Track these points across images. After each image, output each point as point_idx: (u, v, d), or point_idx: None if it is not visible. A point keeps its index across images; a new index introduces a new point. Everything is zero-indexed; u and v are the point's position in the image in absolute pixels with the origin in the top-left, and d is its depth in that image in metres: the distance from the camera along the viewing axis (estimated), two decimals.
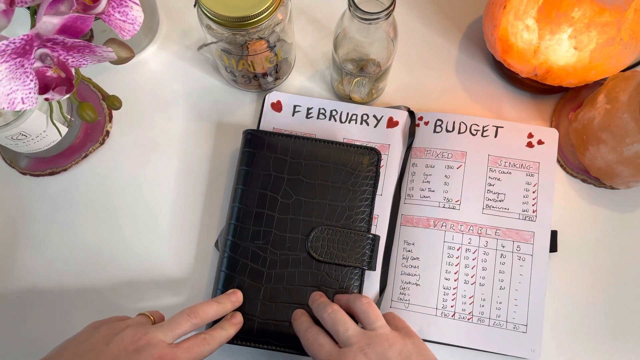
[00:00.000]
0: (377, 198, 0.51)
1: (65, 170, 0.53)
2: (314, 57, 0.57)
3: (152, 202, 0.52)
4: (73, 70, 0.38)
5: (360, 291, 0.47)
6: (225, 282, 0.46)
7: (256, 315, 0.45)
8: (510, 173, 0.51)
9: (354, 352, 0.38)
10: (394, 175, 0.52)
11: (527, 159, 0.51)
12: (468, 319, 0.47)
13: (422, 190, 0.51)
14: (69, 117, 0.50)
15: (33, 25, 0.38)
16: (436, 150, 0.52)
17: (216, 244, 0.50)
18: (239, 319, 0.44)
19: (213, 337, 0.41)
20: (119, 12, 0.38)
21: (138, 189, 0.53)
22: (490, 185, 0.51)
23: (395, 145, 0.53)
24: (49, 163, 0.52)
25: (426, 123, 0.53)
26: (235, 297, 0.45)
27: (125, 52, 0.42)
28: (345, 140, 0.52)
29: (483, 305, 0.48)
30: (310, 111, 0.54)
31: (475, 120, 0.53)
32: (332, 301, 0.45)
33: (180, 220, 0.52)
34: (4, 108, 0.35)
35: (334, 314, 0.42)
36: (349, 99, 0.55)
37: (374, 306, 0.43)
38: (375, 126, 0.53)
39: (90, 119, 0.44)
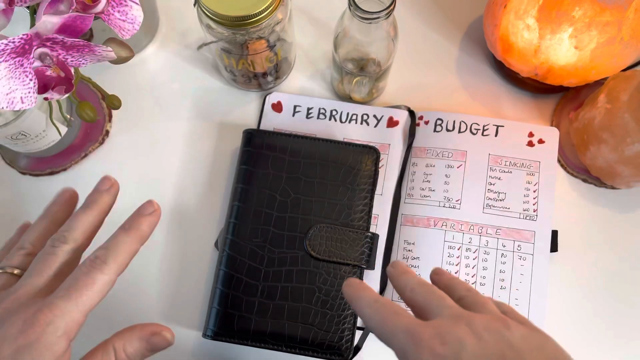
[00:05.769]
0: (377, 198, 0.51)
1: (64, 170, 0.53)
2: (314, 56, 0.57)
3: None
4: (72, 70, 0.38)
5: None
6: (224, 280, 0.46)
7: (253, 314, 0.45)
8: (510, 172, 0.51)
9: (453, 321, 0.27)
10: (394, 174, 0.52)
11: (527, 158, 0.51)
12: None
13: (423, 189, 0.51)
14: (68, 116, 0.50)
15: (32, 24, 0.38)
16: (436, 150, 0.52)
17: (216, 244, 0.50)
18: (151, 207, 0.33)
19: (110, 253, 0.30)
20: (118, 11, 0.38)
21: (138, 188, 0.52)
22: (491, 184, 0.51)
23: (396, 144, 0.53)
24: (49, 163, 0.52)
25: (426, 122, 0.53)
26: (109, 183, 0.34)
27: (125, 51, 0.42)
28: (345, 140, 0.52)
29: None
30: (310, 111, 0.54)
31: (475, 119, 0.53)
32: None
33: (180, 219, 0.52)
34: (3, 107, 0.35)
35: (428, 287, 0.31)
36: (349, 99, 0.55)
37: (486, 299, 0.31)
38: (375, 126, 0.53)
39: (90, 118, 0.44)
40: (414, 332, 0.27)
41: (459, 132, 0.52)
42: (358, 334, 0.47)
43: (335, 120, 0.54)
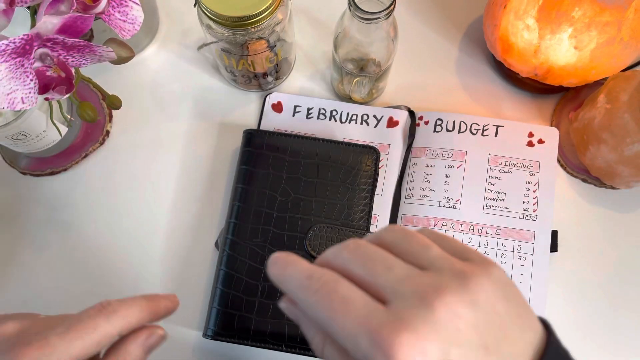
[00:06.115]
0: (378, 198, 0.51)
1: (65, 170, 0.53)
2: (314, 56, 0.57)
3: (152, 202, 0.52)
4: (73, 70, 0.38)
5: None
6: (224, 280, 0.46)
7: (253, 314, 0.45)
8: (510, 172, 0.51)
9: (419, 307, 0.21)
10: (394, 175, 0.52)
11: (527, 158, 0.51)
12: None
13: (423, 189, 0.51)
14: (69, 116, 0.50)
15: (33, 25, 0.38)
16: (436, 150, 0.52)
17: (216, 244, 0.50)
18: (175, 299, 0.32)
19: (123, 306, 0.29)
20: (119, 11, 0.38)
21: (138, 188, 0.53)
22: (491, 184, 0.51)
23: (396, 145, 0.53)
24: (49, 163, 0.52)
25: (426, 122, 0.53)
26: (173, 299, 0.32)
27: (125, 51, 0.42)
28: (345, 140, 0.52)
29: None
30: (310, 111, 0.54)
31: (475, 119, 0.53)
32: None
33: (180, 220, 0.52)
34: (4, 108, 0.35)
35: (362, 249, 0.24)
36: (349, 99, 0.55)
37: (415, 234, 0.25)
38: (375, 126, 0.53)
39: (90, 118, 0.44)
40: (380, 338, 0.21)
41: (459, 132, 0.52)
42: None
43: (335, 120, 0.54)
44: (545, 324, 0.24)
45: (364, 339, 0.21)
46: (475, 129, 0.52)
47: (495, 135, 0.52)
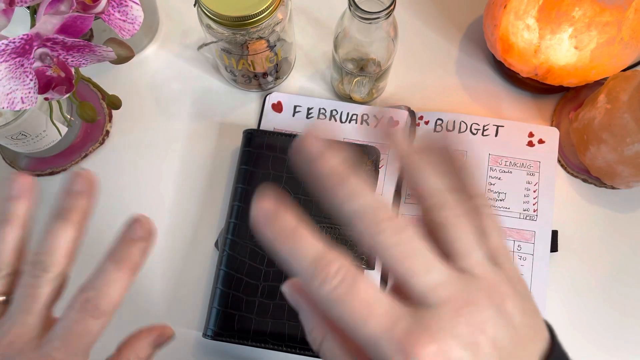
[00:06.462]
0: None
1: (65, 170, 0.53)
2: (314, 56, 0.57)
3: (152, 202, 0.52)
4: (73, 70, 0.38)
5: None
6: (224, 280, 0.46)
7: (253, 314, 0.45)
8: (510, 172, 0.51)
9: (446, 324, 0.21)
10: (394, 174, 0.52)
11: (527, 158, 0.51)
12: None
13: None
14: (68, 116, 0.50)
15: (33, 24, 0.38)
16: None
17: (216, 244, 0.50)
18: (141, 228, 0.30)
19: (101, 295, 0.27)
20: (119, 11, 0.38)
21: (138, 188, 0.52)
22: (491, 184, 0.51)
23: None
24: (49, 163, 0.52)
25: (426, 122, 0.53)
26: (85, 182, 0.28)
27: (125, 51, 0.42)
28: (345, 140, 0.52)
29: None
30: (310, 111, 0.54)
31: (475, 119, 0.53)
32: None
33: (180, 220, 0.52)
34: (3, 108, 0.35)
35: (406, 238, 0.22)
36: (349, 99, 0.55)
37: (470, 231, 0.24)
38: (375, 126, 0.53)
39: (90, 118, 0.44)
40: (405, 347, 0.20)
41: (459, 132, 0.52)
42: None
43: (336, 120, 0.54)
44: (549, 328, 0.25)
45: (388, 346, 0.21)
46: (475, 129, 0.52)
47: (496, 135, 0.52)
